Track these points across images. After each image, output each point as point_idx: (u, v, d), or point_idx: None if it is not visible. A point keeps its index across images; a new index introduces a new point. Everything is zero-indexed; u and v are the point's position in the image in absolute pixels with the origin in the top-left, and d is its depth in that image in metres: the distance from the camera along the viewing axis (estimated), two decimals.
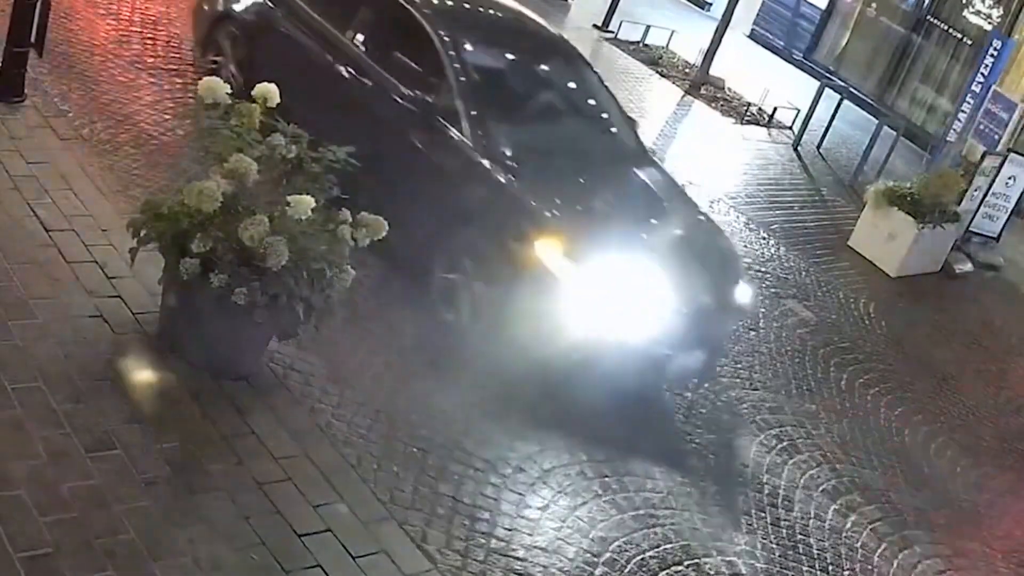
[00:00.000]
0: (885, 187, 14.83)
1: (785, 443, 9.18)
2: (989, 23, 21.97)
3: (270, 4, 10.43)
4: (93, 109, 9.68)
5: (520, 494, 7.21)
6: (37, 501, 5.47)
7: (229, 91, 7.10)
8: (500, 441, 7.62)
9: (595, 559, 6.92)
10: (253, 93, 7.08)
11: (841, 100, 19.43)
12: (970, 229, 16.15)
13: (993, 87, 17.63)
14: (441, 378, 8.00)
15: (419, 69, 9.27)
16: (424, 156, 8.96)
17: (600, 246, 8.24)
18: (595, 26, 20.98)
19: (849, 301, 12.90)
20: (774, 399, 9.83)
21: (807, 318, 11.90)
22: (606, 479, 7.73)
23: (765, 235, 13.82)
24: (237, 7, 10.77)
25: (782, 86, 21.40)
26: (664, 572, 7.10)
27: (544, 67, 10.54)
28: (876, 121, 19.52)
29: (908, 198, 14.57)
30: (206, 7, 11.11)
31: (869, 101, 22.85)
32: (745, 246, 13.06)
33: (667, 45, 21.32)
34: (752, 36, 26.23)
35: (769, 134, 18.91)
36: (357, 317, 8.15)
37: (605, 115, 10.43)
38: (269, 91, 7.05)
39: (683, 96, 19.17)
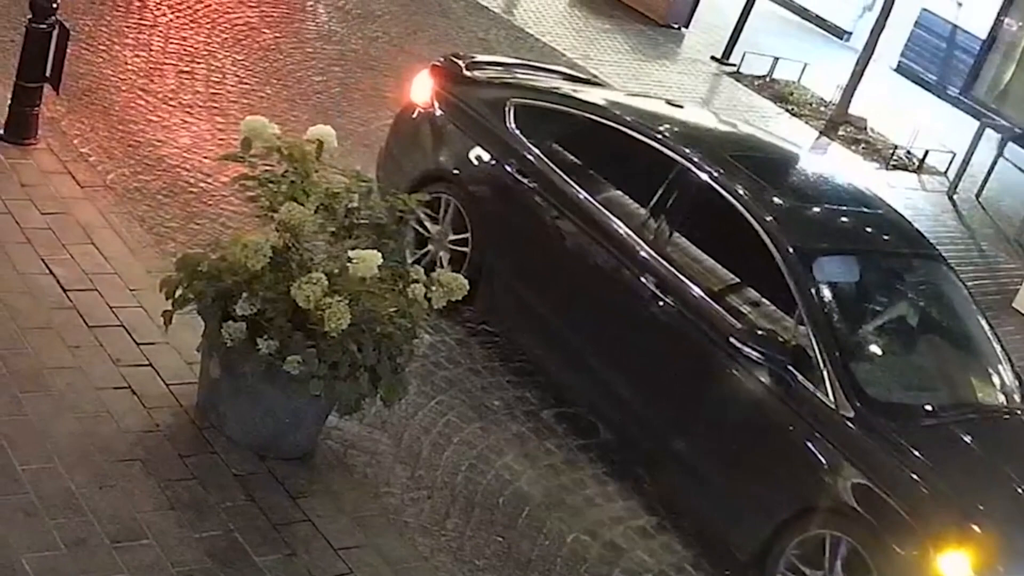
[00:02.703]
0: None
1: None
2: None
3: (516, 174, 9.05)
4: (119, 152, 9.83)
5: None
6: None
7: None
8: None
9: None
10: (307, 135, 7.11)
11: (1004, 142, 19.23)
12: None
13: None
14: None
15: (754, 293, 8.35)
16: (763, 415, 7.79)
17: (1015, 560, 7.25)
18: (714, 58, 20.98)
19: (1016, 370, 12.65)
20: None
21: None
22: None
23: None
24: (455, 166, 9.42)
25: (935, 127, 21.23)
26: None
27: (909, 282, 9.33)
28: None
29: None
30: (401, 158, 9.79)
31: None
32: None
33: (798, 80, 21.28)
34: (899, 70, 26.11)
35: (920, 181, 18.80)
36: None
37: (982, 350, 9.15)
38: (325, 133, 7.08)
39: (818, 138, 19.08)
